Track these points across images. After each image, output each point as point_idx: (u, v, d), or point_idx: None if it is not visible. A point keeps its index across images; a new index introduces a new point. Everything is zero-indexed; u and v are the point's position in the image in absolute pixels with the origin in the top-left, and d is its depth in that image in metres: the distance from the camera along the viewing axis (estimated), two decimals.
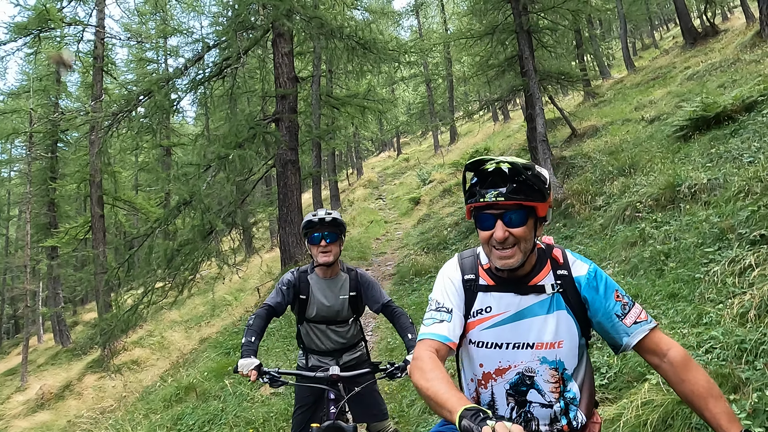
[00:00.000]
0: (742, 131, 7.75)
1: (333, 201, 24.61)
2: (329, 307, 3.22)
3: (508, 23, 12.03)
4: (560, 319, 1.68)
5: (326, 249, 3.11)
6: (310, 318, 3.25)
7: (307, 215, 3.15)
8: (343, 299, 3.24)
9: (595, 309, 1.68)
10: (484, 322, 1.74)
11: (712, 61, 14.93)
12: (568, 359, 1.69)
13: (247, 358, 2.76)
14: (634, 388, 3.48)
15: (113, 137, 13.67)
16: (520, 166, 1.59)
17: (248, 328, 2.97)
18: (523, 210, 1.61)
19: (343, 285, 3.27)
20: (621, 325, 1.65)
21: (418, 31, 35.15)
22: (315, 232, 3.10)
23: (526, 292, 1.70)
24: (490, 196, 1.60)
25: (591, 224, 8.25)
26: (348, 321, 3.30)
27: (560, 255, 1.76)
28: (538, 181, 1.61)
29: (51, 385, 15.51)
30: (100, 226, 17.34)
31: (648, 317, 1.67)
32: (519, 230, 1.61)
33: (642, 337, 1.64)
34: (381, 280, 11.66)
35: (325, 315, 3.23)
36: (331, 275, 3.25)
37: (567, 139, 14.69)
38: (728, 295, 4.09)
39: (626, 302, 1.68)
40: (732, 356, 3.28)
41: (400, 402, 5.33)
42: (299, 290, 3.24)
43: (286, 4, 11.31)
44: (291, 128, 12.86)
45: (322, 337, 3.29)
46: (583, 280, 1.70)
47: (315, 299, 3.22)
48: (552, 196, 1.69)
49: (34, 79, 22.88)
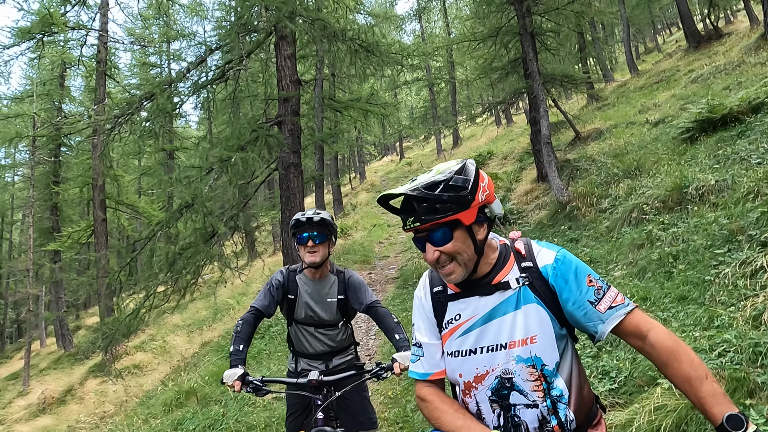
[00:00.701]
0: (749, 133, 7.67)
1: (336, 205, 24.56)
2: (317, 309, 3.14)
3: (512, 26, 12.00)
4: (530, 312, 1.61)
5: (314, 249, 3.03)
6: (298, 319, 3.18)
7: (296, 215, 3.10)
8: (331, 302, 3.16)
9: (565, 298, 1.60)
10: (455, 332, 1.70)
11: (716, 64, 14.86)
12: (546, 354, 1.60)
13: (233, 368, 2.70)
14: (646, 392, 3.39)
15: (116, 141, 13.64)
16: (419, 193, 1.54)
17: (236, 335, 2.91)
18: (444, 227, 1.57)
19: (332, 287, 3.19)
20: (595, 312, 1.57)
21: (421, 35, 35.17)
22: (303, 232, 3.03)
23: (491, 291, 1.65)
24: (408, 222, 1.59)
25: (597, 227, 8.17)
26: (337, 324, 3.21)
27: (522, 247, 1.70)
28: (451, 195, 1.55)
29: (53, 390, 15.47)
30: (103, 229, 17.32)
31: (625, 300, 1.60)
32: (448, 246, 1.58)
33: (618, 322, 1.57)
34: (384, 284, 11.59)
35: (313, 317, 3.15)
36: (319, 277, 3.17)
37: (571, 142, 14.61)
38: (740, 298, 4.00)
39: (600, 286, 1.61)
40: (746, 360, 3.19)
41: (404, 407, 5.25)
42: (288, 290, 3.17)
43: (289, 7, 11.27)
44: (294, 131, 12.80)
45: (311, 340, 3.21)
46: (550, 269, 1.63)
47: (303, 300, 3.15)
48: (482, 194, 1.60)
49: (38, 83, 22.97)
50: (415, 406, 5.14)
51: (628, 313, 1.57)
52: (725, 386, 2.95)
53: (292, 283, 3.17)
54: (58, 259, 23.33)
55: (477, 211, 1.60)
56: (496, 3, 11.87)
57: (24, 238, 26.79)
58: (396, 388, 5.81)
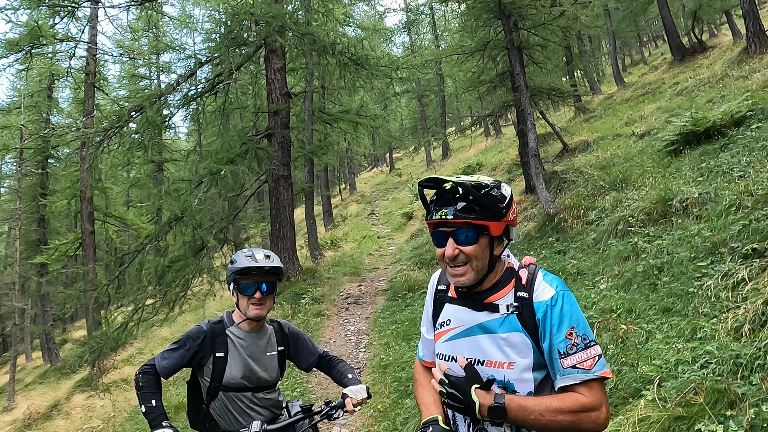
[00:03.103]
0: (731, 146, 7.81)
1: (326, 216, 24.58)
2: (256, 367, 2.63)
3: (499, 39, 12.15)
4: (512, 340, 1.60)
5: (261, 302, 2.57)
6: (230, 384, 2.57)
7: (238, 256, 2.60)
8: (271, 356, 2.68)
9: (542, 338, 1.59)
10: (443, 335, 1.76)
11: (700, 77, 15.13)
12: (519, 383, 1.59)
13: (158, 429, 2.32)
14: (630, 404, 3.44)
15: (104, 153, 13.61)
16: (469, 186, 1.58)
17: (142, 391, 2.48)
18: (474, 229, 1.60)
19: (271, 339, 2.72)
20: (558, 364, 1.56)
21: (410, 47, 35.44)
22: (250, 281, 2.56)
23: (480, 308, 1.67)
24: (441, 213, 1.61)
25: (584, 239, 8.25)
26: (275, 385, 2.73)
27: (525, 276, 1.68)
28: (490, 201, 1.59)
29: (38, 405, 15.25)
30: (91, 242, 17.19)
31: (593, 366, 1.54)
32: (469, 248, 1.61)
33: (567, 384, 1.54)
34: (374, 296, 11.60)
35: (251, 378, 2.61)
36: (257, 328, 2.69)
37: (559, 154, 14.76)
38: (722, 310, 4.07)
39: (576, 342, 1.56)
40: (727, 371, 3.26)
41: (394, 420, 5.26)
42: (214, 347, 2.58)
43: (279, 21, 11.37)
44: (283, 144, 12.86)
45: (247, 410, 2.61)
46: (542, 306, 1.60)
47: (238, 358, 2.59)
48: (512, 214, 1.65)
49: (26, 95, 22.81)
50: (405, 419, 5.16)
51: (585, 381, 1.54)
52: (706, 398, 3.01)
53: (220, 338, 2.61)
54: (45, 272, 23.07)
55: (504, 227, 1.65)
56: (483, 18, 12.02)
57: (10, 251, 26.48)
58: (386, 402, 5.82)
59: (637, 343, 4.29)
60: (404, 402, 5.56)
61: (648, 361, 3.84)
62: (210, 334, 2.60)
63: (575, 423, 1.51)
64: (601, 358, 1.57)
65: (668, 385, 3.40)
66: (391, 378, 6.39)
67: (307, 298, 11.35)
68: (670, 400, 3.20)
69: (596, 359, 1.56)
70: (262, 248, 2.71)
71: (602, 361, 1.57)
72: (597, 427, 1.53)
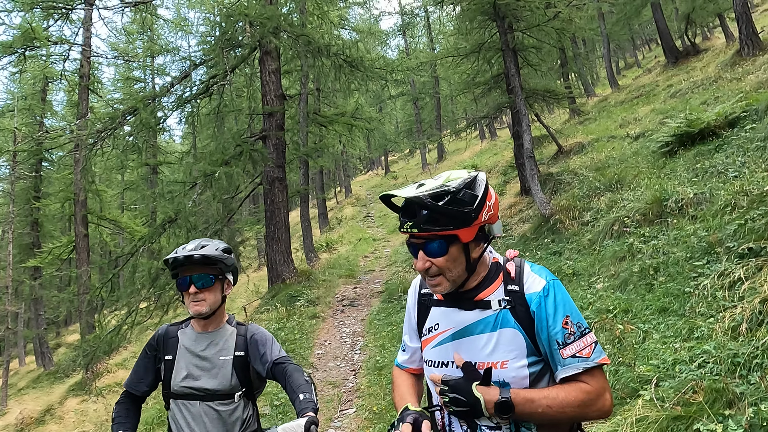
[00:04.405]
0: (726, 146, 7.83)
1: (321, 219, 24.53)
2: (199, 372, 2.30)
3: (494, 41, 12.16)
4: (505, 337, 1.56)
5: (198, 297, 2.28)
6: (176, 391, 2.29)
7: (175, 252, 2.33)
8: (224, 360, 2.32)
9: (538, 330, 1.55)
10: (432, 341, 1.69)
11: (694, 79, 15.19)
12: (515, 381, 1.54)
13: None
14: (628, 404, 3.42)
15: (98, 156, 13.54)
16: (424, 199, 1.50)
17: (113, 423, 2.31)
18: (441, 239, 1.53)
19: (227, 342, 2.37)
20: (558, 355, 1.52)
21: (405, 50, 35.48)
22: (182, 274, 2.29)
23: (471, 307, 1.61)
24: (407, 226, 1.54)
25: (579, 239, 8.24)
26: (233, 395, 2.31)
27: (513, 269, 1.64)
28: (454, 209, 1.51)
29: (31, 410, 15.13)
30: (84, 245, 17.09)
31: (592, 354, 1.52)
32: (440, 260, 1.55)
33: (569, 374, 1.51)
34: (369, 298, 11.56)
35: (199, 383, 2.29)
36: (211, 329, 2.39)
37: (554, 156, 14.78)
38: (719, 309, 4.06)
39: (573, 331, 1.53)
40: (725, 370, 3.24)
41: (389, 421, 5.20)
42: (166, 348, 2.36)
43: (273, 22, 11.35)
44: (278, 146, 12.82)
45: (192, 423, 2.28)
46: (535, 297, 1.57)
47: (184, 360, 2.32)
48: (486, 214, 1.57)
49: (19, 97, 22.73)
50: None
51: (585, 369, 1.51)
52: (704, 397, 2.99)
53: (171, 339, 2.37)
54: (39, 275, 22.93)
55: (477, 230, 1.57)
56: (478, 19, 12.03)
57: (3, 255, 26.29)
58: (381, 404, 5.79)
59: (634, 343, 4.27)
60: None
61: (645, 361, 3.83)
62: (163, 336, 2.39)
63: (582, 412, 1.50)
64: (597, 345, 1.55)
65: (666, 385, 3.38)
66: (387, 380, 6.35)
67: (302, 301, 11.30)
68: (668, 400, 3.18)
69: (593, 346, 1.53)
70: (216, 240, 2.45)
71: (599, 348, 1.55)
72: (602, 414, 1.52)
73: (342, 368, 7.72)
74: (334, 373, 7.55)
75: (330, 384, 7.11)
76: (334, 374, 7.52)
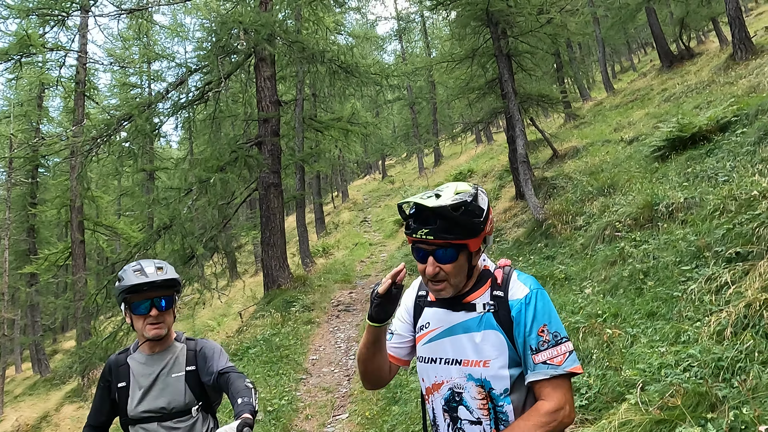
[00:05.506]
0: (716, 151, 7.87)
1: (318, 224, 24.55)
2: (154, 393, 2.33)
3: (488, 47, 12.22)
4: (489, 338, 1.66)
5: (158, 319, 2.30)
6: (134, 417, 2.33)
7: (125, 272, 2.30)
8: (177, 377, 2.35)
9: (516, 335, 1.64)
10: (423, 338, 1.81)
11: (688, 83, 15.26)
12: (496, 380, 1.64)
13: None
14: (613, 408, 3.45)
15: (94, 162, 13.56)
16: (446, 209, 1.59)
17: None
18: (453, 248, 1.63)
19: (178, 359, 2.40)
20: (530, 360, 1.61)
21: (402, 55, 35.56)
22: (142, 299, 2.27)
23: (458, 309, 1.72)
24: (420, 232, 1.62)
25: (572, 244, 8.27)
26: (190, 411, 2.35)
27: (501, 275, 1.75)
28: (468, 220, 1.62)
29: (28, 417, 15.10)
30: (81, 251, 17.09)
31: (564, 362, 1.59)
32: (449, 267, 1.65)
33: (537, 379, 1.60)
34: (365, 303, 11.57)
35: (155, 404, 2.32)
36: (159, 349, 2.40)
37: (548, 160, 14.83)
38: (705, 313, 4.09)
39: (548, 339, 1.61)
40: (709, 374, 3.27)
41: (381, 427, 5.24)
42: (118, 377, 2.37)
43: (267, 29, 11.40)
44: (273, 151, 12.86)
45: None
46: (516, 303, 1.67)
47: (137, 386, 2.34)
48: (489, 225, 1.70)
49: (15, 104, 22.73)
50: (393, 425, 5.14)
51: (551, 377, 1.59)
52: (688, 401, 3.02)
53: (122, 368, 2.38)
54: (35, 281, 22.91)
55: (482, 240, 1.69)
56: (472, 25, 12.10)
57: None
58: (374, 409, 5.80)
59: (622, 347, 4.30)
60: (392, 409, 5.54)
61: (632, 365, 3.85)
62: (114, 365, 2.40)
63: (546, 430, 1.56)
64: (572, 354, 1.62)
65: (651, 389, 3.41)
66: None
67: (297, 306, 11.31)
68: (652, 404, 3.21)
69: (567, 355, 1.61)
70: (154, 259, 2.45)
71: (573, 357, 1.62)
72: (563, 426, 1.58)
73: (336, 373, 7.74)
74: (328, 379, 7.57)
75: (323, 389, 7.13)
76: (328, 379, 7.53)
